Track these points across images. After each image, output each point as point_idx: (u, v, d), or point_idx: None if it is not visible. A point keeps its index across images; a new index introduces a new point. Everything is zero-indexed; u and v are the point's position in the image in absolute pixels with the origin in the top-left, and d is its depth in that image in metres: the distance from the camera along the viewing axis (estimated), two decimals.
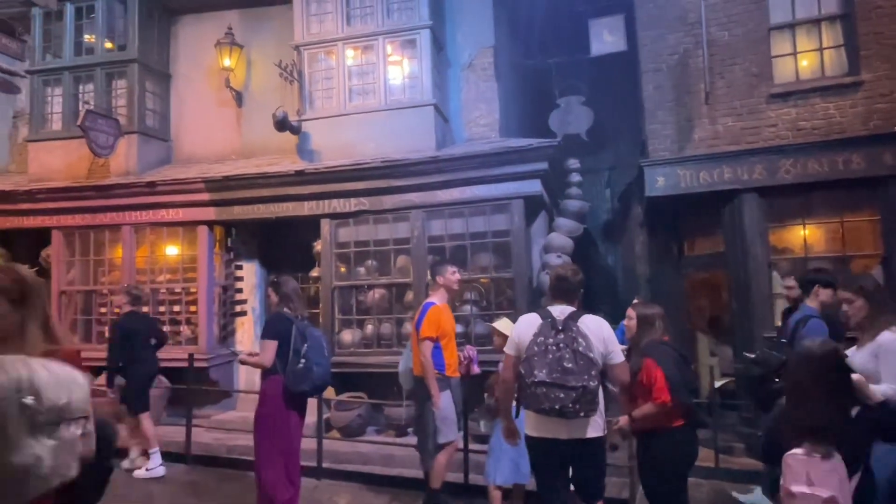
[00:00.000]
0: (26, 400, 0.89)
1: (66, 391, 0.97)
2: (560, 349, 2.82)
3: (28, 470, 0.87)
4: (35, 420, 0.89)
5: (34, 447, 0.89)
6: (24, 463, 0.87)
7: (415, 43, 6.67)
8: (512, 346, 3.04)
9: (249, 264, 7.59)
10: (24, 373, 0.93)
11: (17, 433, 0.87)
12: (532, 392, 2.77)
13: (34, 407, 0.90)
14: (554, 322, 2.91)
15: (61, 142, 7.72)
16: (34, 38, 7.99)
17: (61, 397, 0.95)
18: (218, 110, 7.82)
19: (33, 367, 0.95)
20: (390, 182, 6.34)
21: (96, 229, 7.50)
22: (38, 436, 0.90)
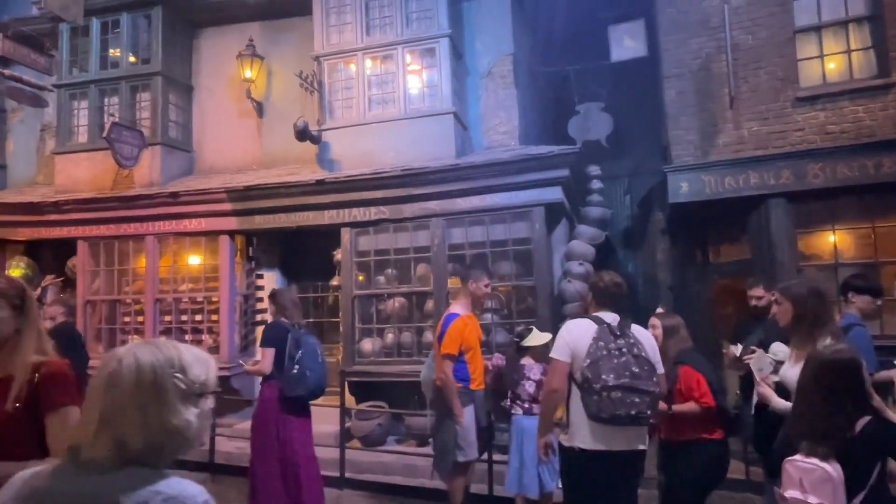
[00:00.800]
0: (178, 375, 1.11)
1: (205, 369, 1.16)
2: (623, 354, 2.75)
3: (182, 431, 1.10)
4: (183, 392, 1.12)
5: (186, 413, 1.11)
6: (180, 425, 1.10)
7: (434, 52, 6.69)
8: (565, 351, 2.82)
9: (270, 273, 7.63)
10: (173, 352, 1.14)
11: (174, 401, 1.10)
12: (605, 398, 2.62)
13: (182, 380, 1.12)
14: (611, 328, 2.84)
15: (87, 154, 7.86)
16: (61, 52, 8.17)
17: (201, 374, 1.15)
18: (239, 121, 7.90)
19: (180, 347, 1.17)
20: (410, 190, 6.34)
21: (120, 239, 7.60)
22: (187, 405, 1.12)
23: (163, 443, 1.09)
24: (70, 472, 1.08)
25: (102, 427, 1.06)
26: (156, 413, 1.08)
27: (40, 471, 1.11)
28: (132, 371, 1.09)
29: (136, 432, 1.07)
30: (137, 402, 1.07)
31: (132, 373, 1.09)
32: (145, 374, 1.09)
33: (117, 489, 1.03)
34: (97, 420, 1.07)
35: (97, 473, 1.05)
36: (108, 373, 1.10)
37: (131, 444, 1.06)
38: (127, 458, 1.06)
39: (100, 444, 1.06)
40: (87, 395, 1.13)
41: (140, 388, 1.08)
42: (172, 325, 7.33)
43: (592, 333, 2.81)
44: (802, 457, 1.99)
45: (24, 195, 8.37)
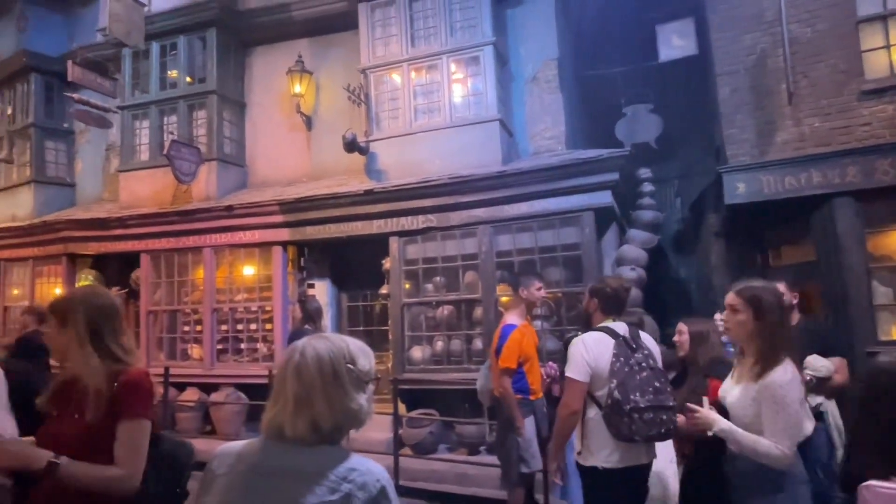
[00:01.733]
0: (349, 364, 1.26)
1: (368, 360, 1.31)
2: (643, 368, 2.65)
3: (357, 413, 1.26)
4: (355, 379, 1.27)
5: (359, 398, 1.26)
6: (355, 408, 1.26)
7: (478, 60, 6.71)
8: (584, 370, 2.66)
9: (321, 283, 7.79)
10: (343, 344, 1.29)
11: (349, 387, 1.25)
12: (636, 419, 2.52)
13: (353, 369, 1.27)
14: (626, 340, 2.73)
15: (148, 171, 8.26)
16: (124, 76, 8.63)
17: (366, 364, 1.30)
18: (289, 135, 8.14)
19: (347, 340, 1.32)
20: (457, 198, 6.36)
21: (180, 252, 7.93)
22: (359, 390, 1.27)
23: (343, 424, 1.26)
24: (276, 447, 1.24)
25: (298, 409, 1.21)
26: (337, 398, 1.23)
27: (249, 445, 1.27)
28: (315, 361, 1.24)
29: (326, 414, 1.22)
30: (323, 388, 1.23)
31: (315, 362, 1.24)
32: (325, 364, 1.24)
33: (321, 464, 1.20)
34: (293, 403, 1.22)
35: (298, 450, 1.22)
36: (294, 363, 1.25)
37: (323, 425, 1.22)
38: (320, 437, 1.23)
39: (300, 424, 1.21)
40: (275, 382, 1.28)
41: (323, 376, 1.23)
42: (229, 334, 7.58)
43: (611, 349, 2.68)
44: (881, 481, 1.74)
45: (91, 211, 8.86)
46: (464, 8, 6.89)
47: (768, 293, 2.30)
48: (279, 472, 1.21)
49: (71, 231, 8.65)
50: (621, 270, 6.24)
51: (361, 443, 5.62)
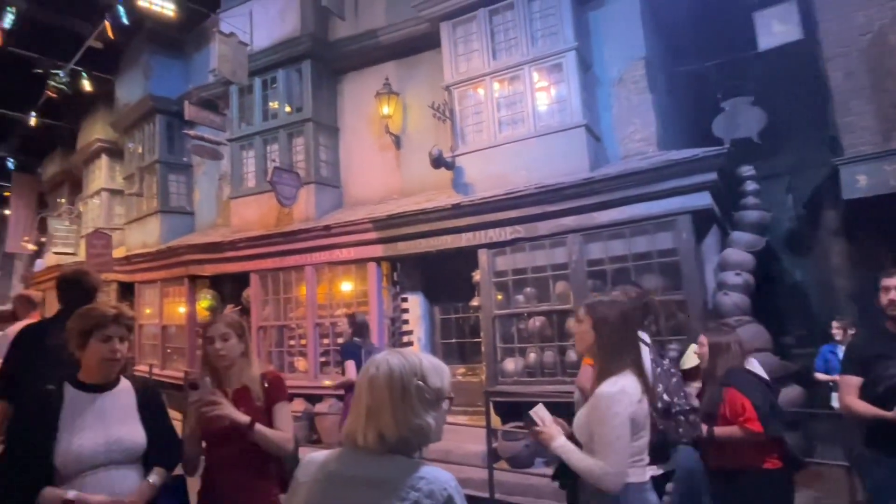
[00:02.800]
0: (419, 382, 1.29)
1: (441, 377, 1.34)
2: (673, 374, 2.77)
3: (423, 430, 1.29)
4: (424, 397, 1.29)
5: (426, 416, 1.29)
6: (422, 425, 1.28)
7: (561, 67, 6.63)
8: None
9: (414, 296, 7.99)
10: (416, 361, 1.32)
11: (416, 404, 1.28)
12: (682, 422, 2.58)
13: (423, 387, 1.29)
14: (653, 349, 2.81)
15: (255, 196, 8.94)
16: (232, 111, 9.44)
17: (437, 382, 1.32)
18: (379, 155, 8.48)
19: (421, 357, 1.35)
20: (544, 208, 6.29)
21: (284, 271, 8.48)
22: (427, 408, 1.29)
23: (409, 438, 1.29)
24: (350, 456, 1.31)
25: (369, 421, 1.28)
26: (402, 413, 1.27)
27: (331, 454, 1.36)
28: (386, 375, 1.29)
29: (392, 427, 1.27)
30: (390, 403, 1.27)
31: (386, 377, 1.29)
32: (395, 379, 1.29)
33: (391, 473, 1.26)
34: (365, 414, 1.29)
35: (370, 459, 1.28)
36: (369, 376, 1.32)
37: (389, 437, 1.27)
38: (388, 448, 1.27)
39: (369, 434, 1.28)
40: (355, 393, 1.36)
41: (392, 391, 1.28)
42: (330, 348, 7.96)
43: (649, 355, 2.66)
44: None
45: (208, 236, 9.72)
46: (544, 16, 6.85)
47: (608, 307, 2.27)
48: (352, 481, 1.28)
49: (191, 255, 9.55)
50: (725, 276, 5.84)
51: (458, 455, 5.69)
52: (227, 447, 2.25)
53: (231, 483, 2.25)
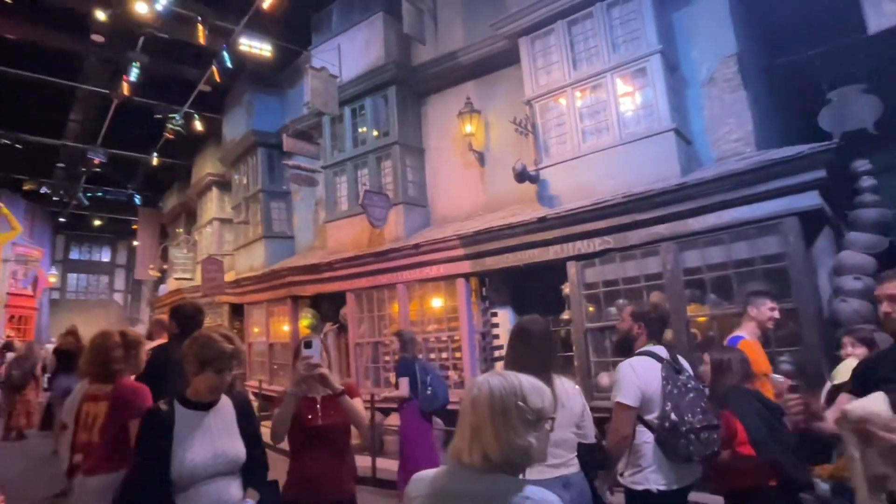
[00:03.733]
0: (520, 402, 1.31)
1: (541, 398, 1.36)
2: (689, 389, 2.76)
3: (525, 450, 1.31)
4: (525, 417, 1.31)
5: (528, 435, 1.30)
6: (523, 445, 1.30)
7: (645, 71, 6.46)
8: (635, 395, 2.74)
9: (503, 311, 8.01)
10: (516, 382, 1.35)
11: (518, 424, 1.30)
12: (693, 440, 2.62)
13: (523, 407, 1.31)
14: (670, 364, 2.84)
15: (348, 219, 9.40)
16: (325, 140, 10.02)
17: (538, 402, 1.33)
18: (464, 172, 8.64)
19: (521, 378, 1.38)
20: (634, 217, 6.11)
21: (378, 289, 8.82)
22: (529, 429, 1.31)
23: (512, 458, 1.31)
24: (457, 474, 1.35)
25: (473, 440, 1.32)
26: (505, 433, 1.30)
27: (439, 472, 1.42)
28: (487, 396, 1.33)
29: (495, 447, 1.30)
30: (492, 423, 1.31)
31: (487, 397, 1.33)
32: (496, 400, 1.32)
33: (496, 491, 1.28)
34: (469, 433, 1.33)
35: (476, 476, 1.31)
36: (472, 396, 1.37)
37: (492, 456, 1.30)
38: (492, 467, 1.30)
39: (474, 453, 1.32)
40: (460, 412, 1.41)
41: (493, 411, 1.31)
42: None
43: (660, 373, 2.78)
44: None
45: (306, 259, 10.33)
46: (625, 21, 6.71)
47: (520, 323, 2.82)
48: (459, 497, 1.32)
49: (292, 276, 10.18)
50: (842, 281, 5.36)
51: None
52: (316, 434, 2.68)
53: (316, 463, 2.67)
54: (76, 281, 28.58)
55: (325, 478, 2.67)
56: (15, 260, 18.95)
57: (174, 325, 3.80)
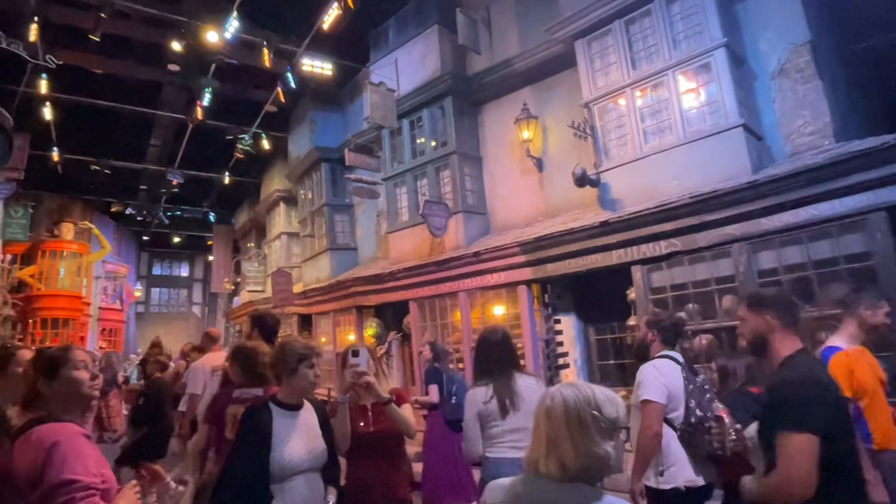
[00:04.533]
0: (594, 412, 1.33)
1: (615, 408, 1.36)
2: (706, 391, 2.92)
3: (603, 458, 1.32)
4: (600, 426, 1.33)
5: (604, 444, 1.32)
6: (601, 454, 1.32)
7: (709, 66, 6.23)
8: (662, 392, 2.92)
9: (566, 317, 7.89)
10: (589, 392, 1.37)
11: (594, 433, 1.32)
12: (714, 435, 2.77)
13: (599, 416, 1.33)
14: (687, 366, 3.06)
15: (409, 229, 9.56)
16: (385, 152, 10.25)
17: (612, 412, 1.35)
18: (522, 179, 8.60)
19: (594, 388, 1.41)
20: (702, 218, 5.88)
21: (440, 297, 8.90)
22: (605, 437, 1.33)
23: (590, 467, 1.33)
24: (535, 482, 1.38)
25: (549, 449, 1.35)
26: (582, 442, 1.32)
27: (515, 480, 1.45)
28: (562, 406, 1.36)
29: (572, 456, 1.32)
30: (568, 432, 1.33)
31: (561, 408, 1.36)
32: (571, 410, 1.35)
33: (575, 500, 1.31)
34: (545, 443, 1.37)
35: (554, 486, 1.34)
36: (545, 408, 1.40)
37: (570, 466, 1.32)
38: (570, 476, 1.32)
39: (550, 463, 1.34)
40: (533, 423, 1.44)
41: (569, 422, 1.34)
42: None
43: (681, 373, 2.99)
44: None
45: (369, 269, 10.57)
46: (686, 17, 6.50)
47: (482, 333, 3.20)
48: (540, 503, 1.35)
49: (356, 287, 10.45)
50: None
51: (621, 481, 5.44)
52: (370, 442, 2.79)
53: (370, 470, 2.78)
54: (158, 295, 30.49)
55: (379, 484, 2.75)
56: (105, 276, 20.46)
57: (257, 334, 4.04)
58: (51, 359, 1.92)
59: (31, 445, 1.72)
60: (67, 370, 1.89)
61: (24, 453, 1.72)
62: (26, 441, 1.74)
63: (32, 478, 1.67)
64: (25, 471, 1.69)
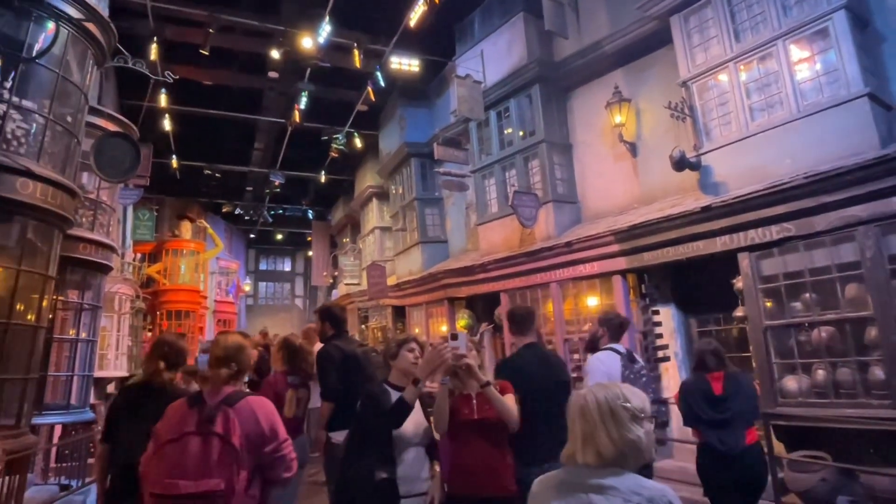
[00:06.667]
0: (624, 404, 1.49)
1: (641, 400, 1.53)
2: (641, 376, 3.68)
3: (636, 443, 1.47)
4: (631, 414, 1.48)
5: (636, 430, 1.47)
6: (634, 439, 1.46)
7: (826, 32, 5.65)
8: (602, 378, 3.41)
9: (665, 308, 7.53)
10: (617, 389, 1.54)
11: (626, 421, 1.47)
12: None
13: (629, 407, 1.49)
14: (627, 356, 3.75)
15: (498, 221, 9.54)
16: (472, 145, 10.28)
17: (639, 403, 1.52)
18: (615, 165, 8.29)
19: (620, 386, 1.56)
20: (820, 199, 5.37)
21: (531, 289, 8.82)
22: (635, 424, 1.48)
23: (625, 452, 1.47)
24: (575, 471, 1.53)
25: (585, 443, 1.50)
26: (616, 430, 1.47)
27: (558, 472, 1.59)
28: (594, 403, 1.52)
29: (608, 445, 1.46)
30: (604, 424, 1.48)
31: (595, 405, 1.51)
32: (603, 404, 1.50)
33: (615, 482, 1.44)
34: (581, 439, 1.51)
35: (595, 471, 1.47)
36: (579, 405, 1.55)
37: (605, 453, 1.46)
38: (606, 463, 1.47)
39: (587, 453, 1.49)
40: (567, 421, 1.58)
41: (602, 414, 1.49)
42: (581, 363, 7.95)
43: (619, 362, 3.67)
44: None
45: (460, 261, 10.68)
46: None
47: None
48: (582, 486, 1.47)
49: (448, 279, 10.60)
50: None
51: None
52: (474, 429, 2.84)
53: (474, 457, 2.81)
54: (265, 289, 32.64)
55: (483, 471, 2.78)
56: (219, 272, 22.23)
57: (328, 326, 4.32)
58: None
59: (254, 411, 2.20)
60: None
61: (246, 417, 2.17)
62: (246, 408, 2.20)
63: (263, 433, 2.18)
64: (255, 429, 2.17)
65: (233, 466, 2.07)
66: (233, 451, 2.09)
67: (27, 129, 5.07)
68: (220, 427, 2.12)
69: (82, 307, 7.48)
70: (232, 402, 2.20)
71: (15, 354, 4.96)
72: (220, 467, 2.07)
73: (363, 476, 2.60)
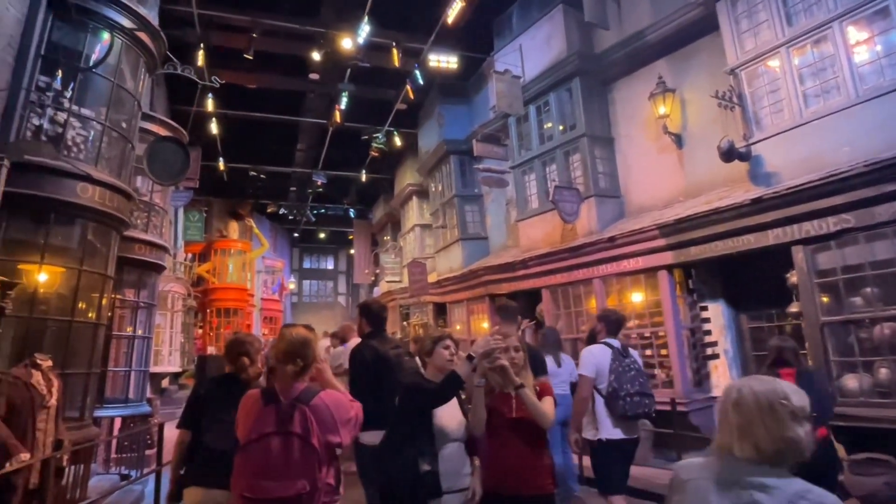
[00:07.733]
0: (783, 401, 1.42)
1: (801, 398, 1.44)
2: (632, 369, 3.89)
3: (796, 442, 1.40)
4: (791, 413, 1.41)
5: (797, 429, 1.40)
6: (794, 437, 1.40)
7: (887, 11, 5.36)
8: (592, 369, 3.91)
9: (714, 304, 7.31)
10: (775, 385, 1.46)
11: (786, 419, 1.40)
12: (629, 401, 3.73)
13: (787, 404, 1.42)
14: (619, 350, 3.96)
15: (539, 216, 9.44)
16: (511, 140, 10.21)
17: (799, 401, 1.43)
18: (659, 157, 8.08)
19: (777, 381, 1.48)
20: (882, 188, 5.09)
21: (573, 285, 8.70)
22: (796, 423, 1.41)
23: (784, 450, 1.41)
24: (734, 463, 1.46)
25: (742, 436, 1.44)
26: (774, 427, 1.41)
27: (709, 461, 1.55)
28: (751, 397, 1.45)
29: (766, 440, 1.41)
30: (761, 419, 1.42)
31: (751, 398, 1.45)
32: (761, 399, 1.44)
33: (777, 482, 1.39)
34: (737, 432, 1.45)
35: (754, 467, 1.42)
36: (733, 399, 1.49)
37: (764, 449, 1.41)
38: (763, 459, 1.41)
39: (745, 447, 1.43)
40: (719, 414, 1.54)
41: (760, 409, 1.43)
42: None
43: (610, 355, 3.92)
44: None
45: (500, 258, 10.63)
46: None
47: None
48: (741, 483, 1.42)
49: (488, 276, 10.57)
50: None
51: None
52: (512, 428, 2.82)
53: (512, 455, 2.79)
54: (309, 286, 33.34)
55: (521, 470, 2.77)
56: (265, 271, 22.83)
57: (366, 323, 4.23)
58: None
59: (328, 407, 2.25)
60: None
61: (323, 417, 2.21)
62: (321, 405, 2.24)
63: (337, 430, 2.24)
64: (332, 427, 2.23)
65: (315, 466, 2.12)
66: (313, 452, 2.13)
67: (86, 135, 5.34)
68: (299, 426, 2.15)
69: (138, 305, 7.82)
70: (306, 399, 2.22)
71: (78, 350, 5.23)
72: (304, 468, 2.11)
73: (407, 468, 2.61)
